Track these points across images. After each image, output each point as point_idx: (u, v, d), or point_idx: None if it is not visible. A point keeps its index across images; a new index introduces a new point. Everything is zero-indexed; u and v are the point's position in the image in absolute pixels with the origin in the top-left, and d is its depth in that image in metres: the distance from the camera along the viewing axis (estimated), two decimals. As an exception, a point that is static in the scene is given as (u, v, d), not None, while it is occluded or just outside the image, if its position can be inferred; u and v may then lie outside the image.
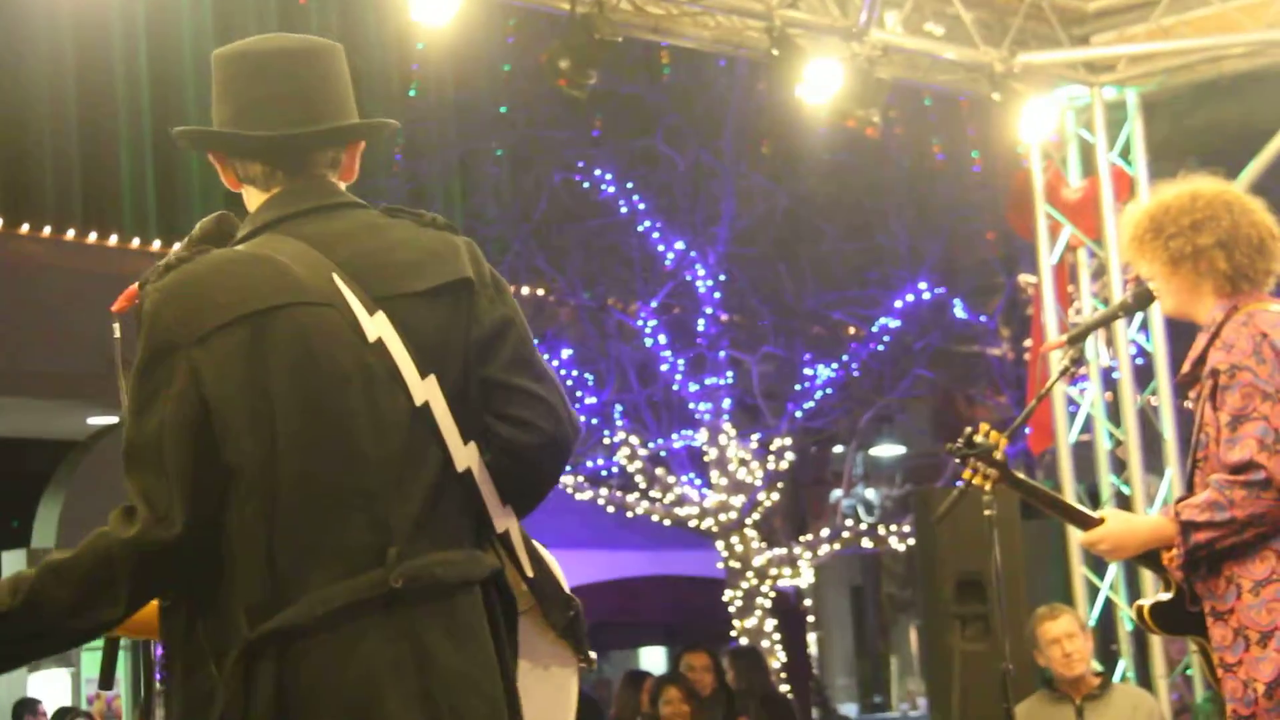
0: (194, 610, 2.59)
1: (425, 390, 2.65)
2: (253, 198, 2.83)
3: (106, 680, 3.03)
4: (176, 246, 3.24)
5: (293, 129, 2.79)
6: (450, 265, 2.76)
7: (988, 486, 4.40)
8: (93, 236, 14.77)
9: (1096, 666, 7.15)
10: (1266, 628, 3.94)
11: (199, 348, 2.59)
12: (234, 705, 2.50)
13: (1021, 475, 4.43)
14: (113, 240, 14.94)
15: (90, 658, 16.32)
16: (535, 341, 2.82)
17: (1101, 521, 4.26)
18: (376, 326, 2.65)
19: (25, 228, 14.35)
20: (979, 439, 4.33)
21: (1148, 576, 8.80)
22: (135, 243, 15.02)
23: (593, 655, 2.92)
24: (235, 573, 2.55)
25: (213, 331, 2.60)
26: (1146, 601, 4.35)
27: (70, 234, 14.64)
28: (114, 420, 14.02)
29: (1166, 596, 4.25)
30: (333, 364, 2.61)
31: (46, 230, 14.62)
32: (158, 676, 2.73)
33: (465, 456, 2.68)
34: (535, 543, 2.86)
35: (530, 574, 2.80)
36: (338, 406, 2.60)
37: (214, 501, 2.56)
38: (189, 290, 2.65)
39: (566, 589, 2.90)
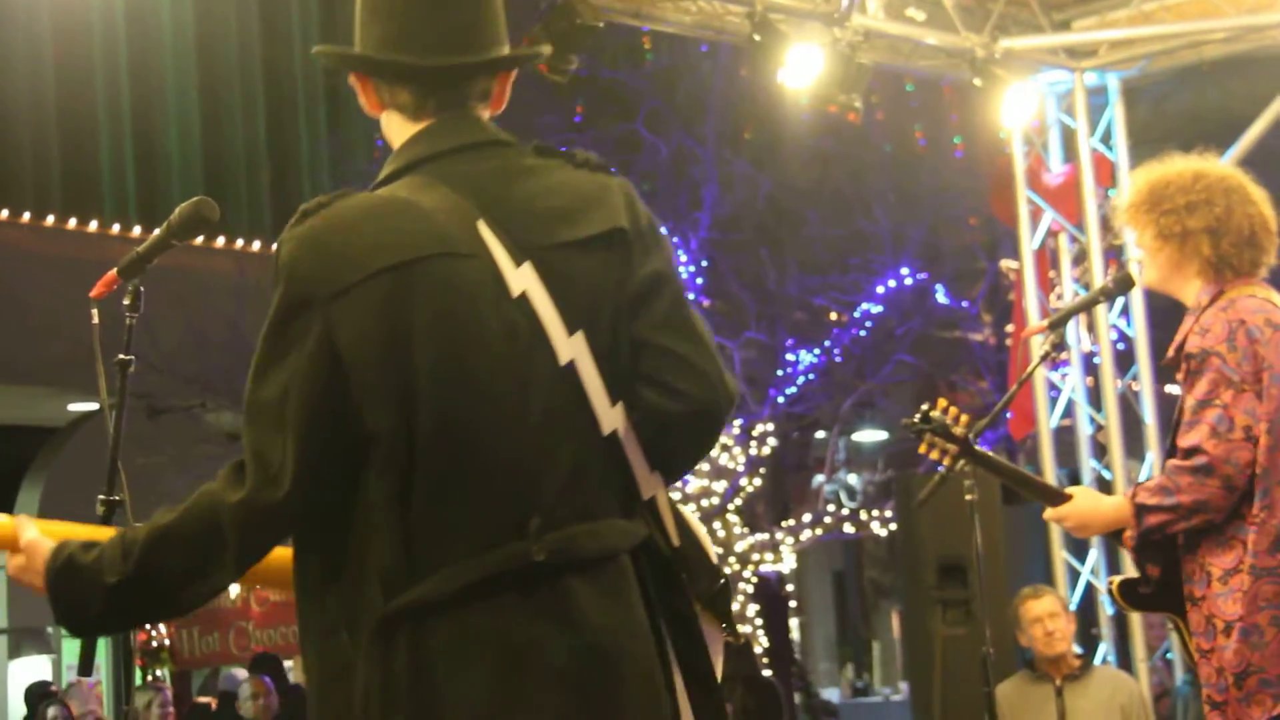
0: (326, 575, 2.46)
1: (572, 348, 2.48)
2: (396, 126, 2.64)
3: (86, 667, 3.01)
4: (156, 232, 3.24)
5: (450, 57, 2.60)
6: (603, 213, 2.59)
7: (947, 461, 4.39)
8: (72, 222, 14.72)
9: (1077, 650, 7.17)
10: (1231, 617, 3.96)
11: (337, 303, 2.42)
12: (372, 680, 2.39)
13: (983, 450, 4.41)
14: (93, 226, 14.89)
15: (70, 645, 16.29)
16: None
17: (1069, 497, 4.27)
18: (522, 279, 2.48)
19: (4, 214, 14.31)
20: (935, 414, 4.32)
21: (1128, 560, 8.83)
22: (115, 228, 14.97)
23: (739, 629, 2.73)
24: (371, 542, 2.41)
25: (352, 286, 2.43)
26: (1117, 579, 4.37)
27: (50, 220, 14.59)
28: (94, 407, 13.99)
29: (1138, 575, 4.27)
30: (477, 322, 2.45)
31: (26, 216, 14.58)
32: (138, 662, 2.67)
33: (612, 419, 2.50)
34: (682, 509, 2.67)
35: (676, 543, 2.60)
36: (481, 369, 2.43)
37: (336, 467, 2.42)
38: (327, 240, 2.48)
39: (714, 558, 2.68)
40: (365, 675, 2.39)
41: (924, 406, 4.36)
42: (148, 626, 13.83)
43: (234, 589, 14.01)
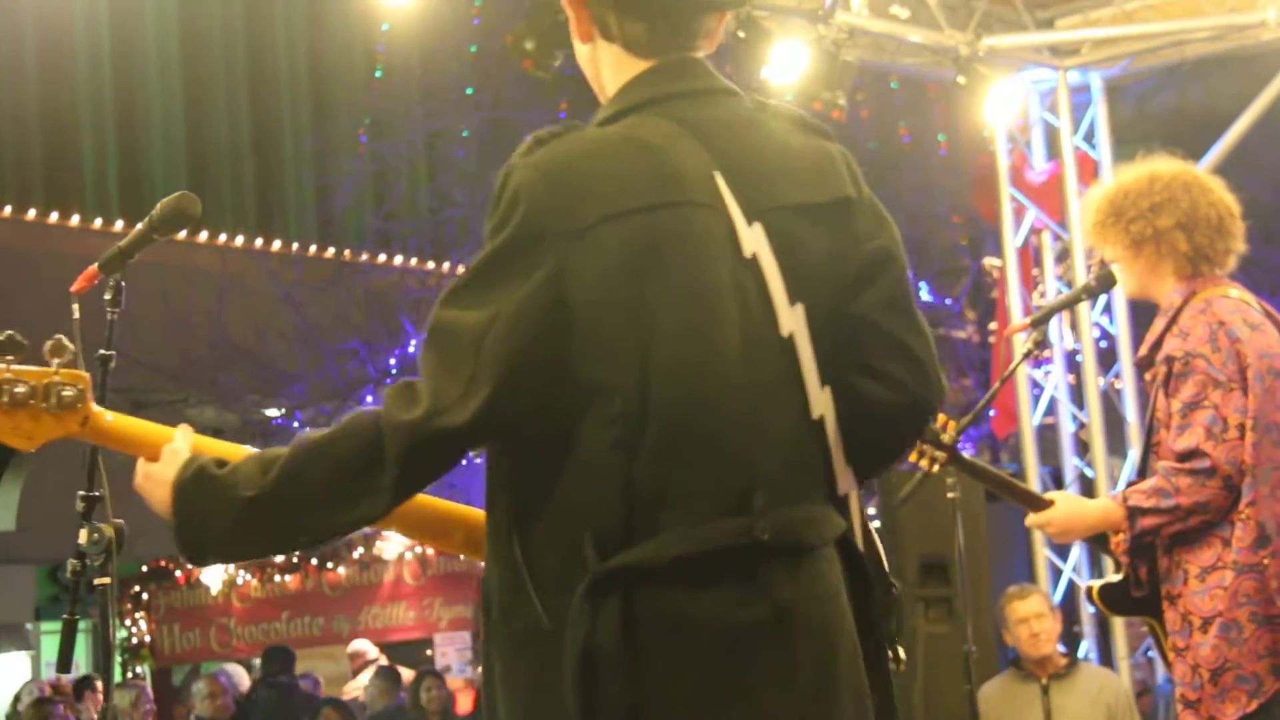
0: (522, 527, 2.27)
1: (793, 320, 2.31)
2: (615, 59, 2.45)
3: (64, 663, 2.99)
4: (138, 227, 3.23)
5: None
6: (831, 180, 2.41)
7: (935, 470, 4.40)
8: (54, 217, 14.68)
9: (1061, 648, 7.19)
10: (1209, 614, 3.97)
11: (573, 242, 2.22)
12: (576, 648, 2.18)
13: (970, 457, 4.43)
14: (74, 220, 14.85)
15: (50, 641, 16.25)
16: None
17: (1051, 503, 4.28)
18: (754, 239, 2.30)
19: (-14, 208, 14.27)
20: None
21: (1109, 560, 8.84)
22: (97, 223, 14.93)
23: (901, 652, 2.50)
24: (585, 497, 2.22)
25: (593, 226, 2.23)
26: (1096, 583, 4.38)
27: (31, 214, 14.55)
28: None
29: (1116, 578, 4.28)
30: (714, 277, 2.26)
31: (7, 210, 14.54)
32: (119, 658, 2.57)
33: (821, 402, 2.33)
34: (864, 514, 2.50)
35: (861, 548, 2.43)
36: (715, 327, 2.25)
37: (537, 412, 2.23)
38: (568, 173, 2.27)
39: (887, 569, 2.51)
40: (570, 641, 2.19)
41: None
42: (127, 622, 13.80)
43: (216, 585, 13.99)
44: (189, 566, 14.07)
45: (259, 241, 16.24)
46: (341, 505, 2.27)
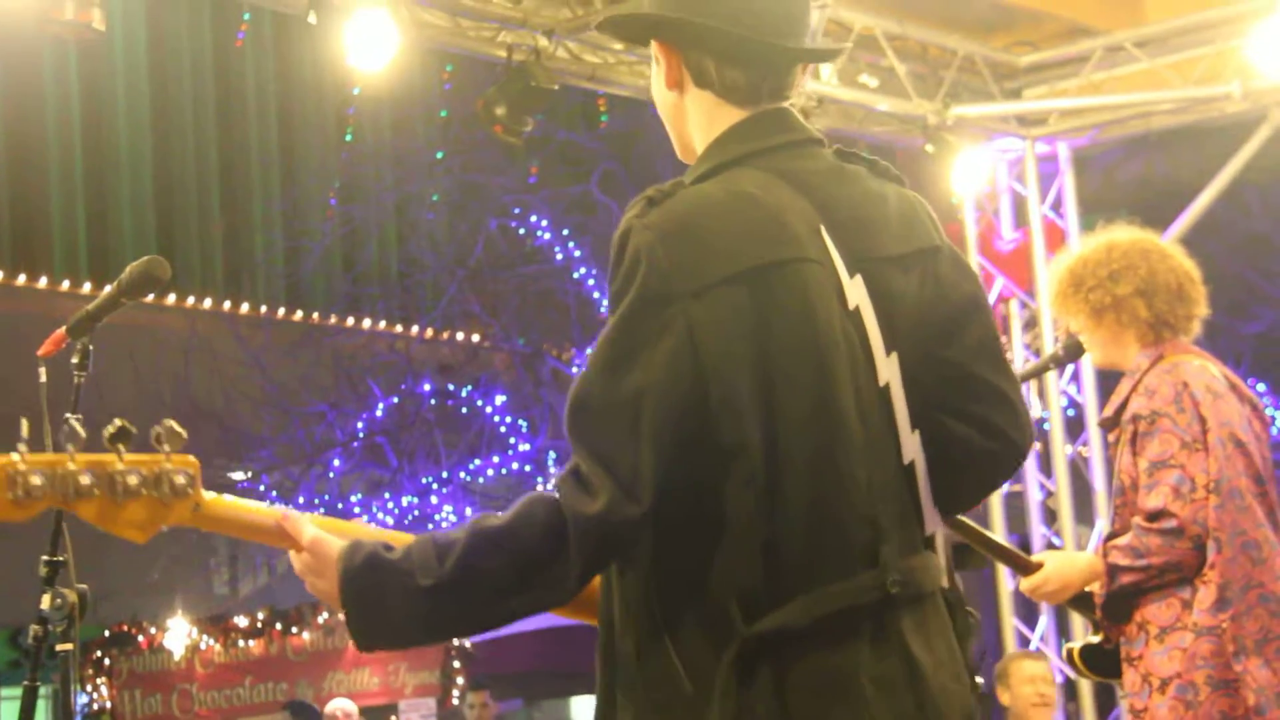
0: (661, 590, 2.26)
1: (888, 369, 2.34)
2: (709, 108, 2.44)
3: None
4: (106, 290, 3.22)
5: (794, 41, 2.43)
6: (919, 229, 2.45)
7: None
8: (22, 279, 14.62)
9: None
10: (1168, 675, 3.98)
11: (697, 302, 2.21)
12: (729, 707, 2.19)
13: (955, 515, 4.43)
14: (42, 283, 14.80)
15: (10, 707, 16.06)
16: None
17: (1039, 565, 4.27)
18: (856, 291, 2.33)
19: (-47, 269, 14.22)
20: None
21: (1078, 627, 8.83)
22: (65, 285, 14.88)
23: (979, 679, 2.54)
24: (727, 559, 2.22)
25: (715, 285, 2.23)
26: (1076, 644, 4.37)
27: (-1, 275, 14.51)
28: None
29: (1096, 639, 4.27)
30: (829, 332, 2.28)
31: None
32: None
33: (912, 448, 2.36)
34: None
35: (946, 585, 2.45)
36: (832, 382, 2.27)
37: (689, 480, 2.23)
38: (687, 233, 2.26)
39: (961, 591, 2.54)
40: (721, 705, 2.19)
41: None
42: (89, 687, 13.66)
43: (179, 650, 13.86)
44: (152, 631, 13.95)
45: (227, 304, 16.22)
46: (522, 596, 2.25)
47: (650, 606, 2.28)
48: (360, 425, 15.31)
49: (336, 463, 15.51)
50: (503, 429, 15.17)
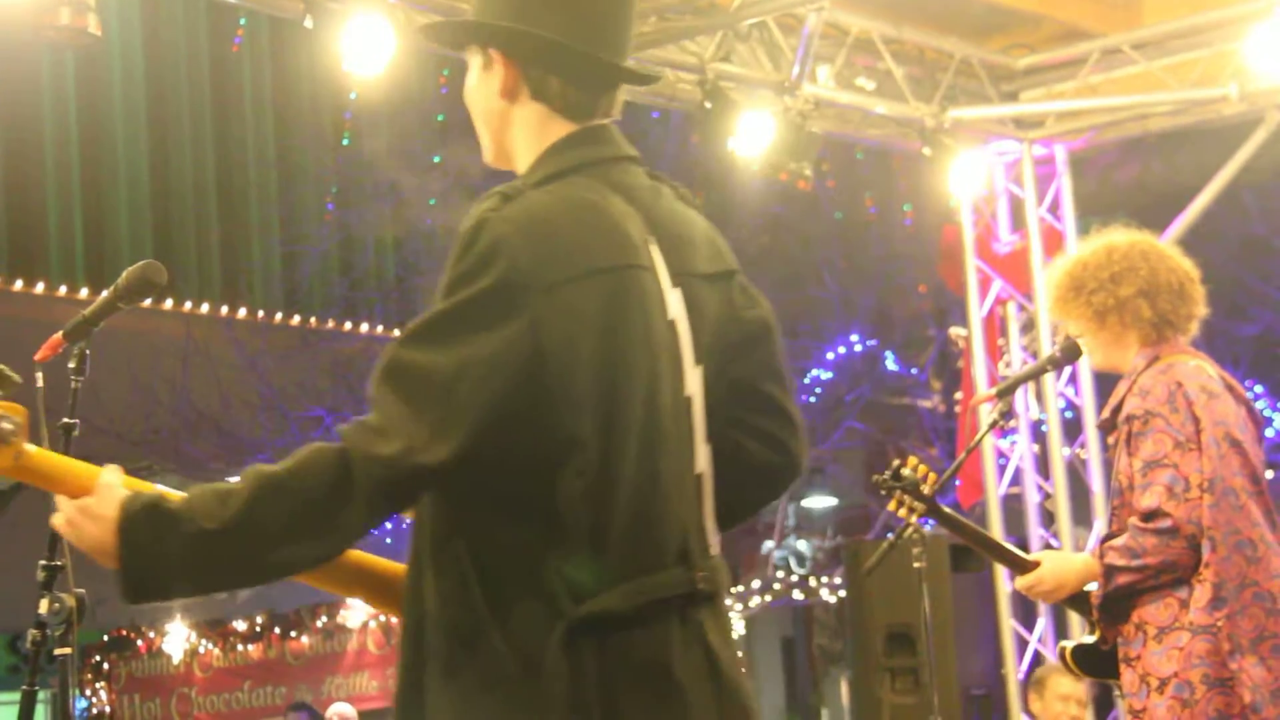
0: (485, 574, 2.30)
1: (694, 382, 2.44)
2: (541, 121, 2.49)
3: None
4: (103, 295, 3.21)
5: (622, 59, 2.52)
6: (723, 252, 2.57)
7: (913, 520, 4.42)
8: (18, 284, 14.61)
9: None
10: (1165, 675, 3.99)
11: (548, 297, 2.28)
12: (558, 690, 2.26)
13: (950, 510, 4.44)
14: (39, 288, 14.79)
15: (8, 712, 16.05)
16: None
17: (1036, 564, 4.28)
18: (676, 304, 2.43)
19: (-50, 274, 14.21)
20: (906, 472, 4.36)
21: (1076, 629, 8.83)
22: (62, 290, 14.87)
23: None
24: (555, 546, 2.29)
25: (566, 282, 2.30)
26: (1070, 644, 4.38)
27: (-5, 280, 14.49)
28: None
29: (1090, 639, 4.28)
30: (658, 338, 2.38)
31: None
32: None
33: (704, 459, 2.47)
34: None
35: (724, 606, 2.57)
36: (659, 386, 2.37)
37: (517, 467, 2.28)
38: (542, 230, 2.33)
39: None
40: (555, 687, 2.26)
41: (895, 463, 4.39)
42: (88, 692, 13.65)
43: (177, 654, 13.84)
44: (151, 635, 13.93)
45: (224, 309, 16.18)
46: (305, 541, 2.26)
47: (472, 591, 2.30)
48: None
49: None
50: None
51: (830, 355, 15.55)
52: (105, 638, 13.89)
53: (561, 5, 2.47)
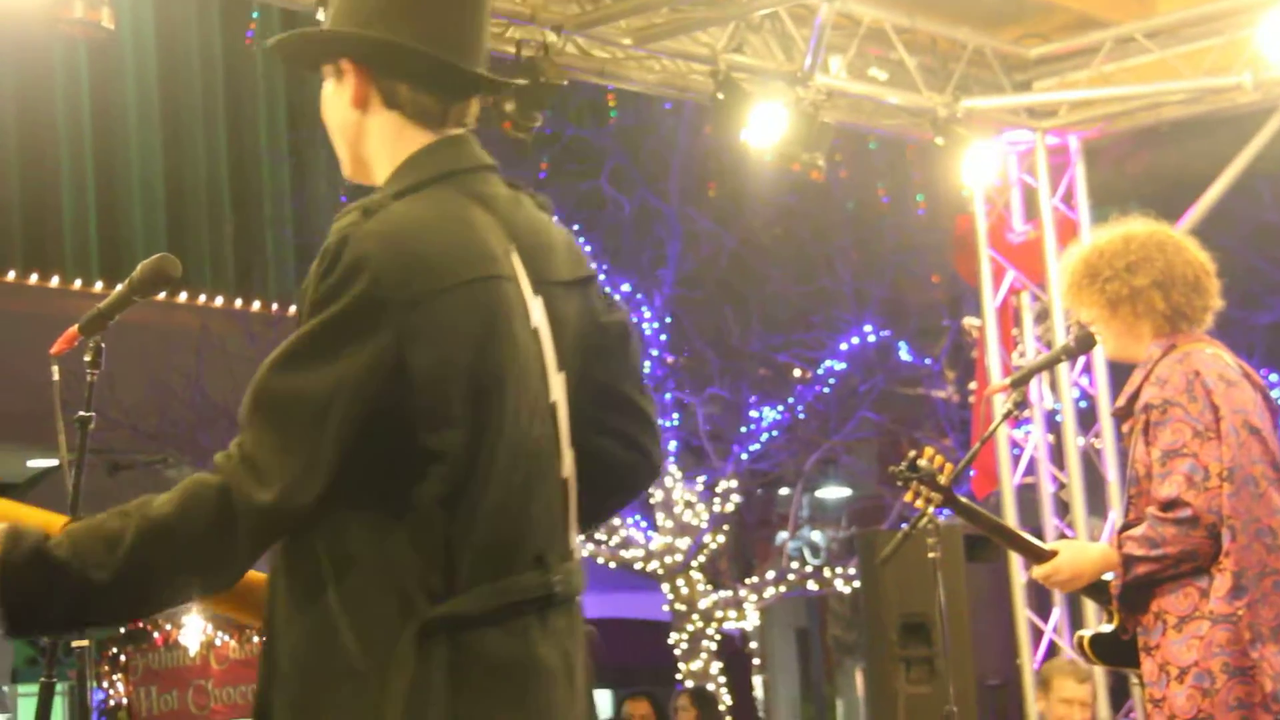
0: (340, 576, 2.33)
1: (558, 388, 2.49)
2: (396, 130, 2.50)
3: (42, 727, 2.97)
4: (118, 288, 3.22)
5: (477, 67, 2.50)
6: (581, 259, 2.61)
7: (930, 510, 4.42)
8: (34, 278, 14.65)
9: None
10: (1185, 664, 3.98)
11: (413, 311, 2.30)
12: (405, 687, 2.29)
13: (966, 500, 4.44)
14: (54, 282, 14.83)
15: (27, 704, 16.10)
16: None
17: (1054, 553, 4.28)
18: (538, 312, 2.47)
19: (-35, 269, 14.25)
20: (922, 463, 4.35)
21: (1091, 619, 8.82)
22: (77, 284, 14.91)
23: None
24: (411, 549, 2.32)
25: (431, 296, 2.31)
26: (1087, 632, 4.37)
27: (11, 275, 14.53)
28: (53, 463, 13.88)
29: (1108, 628, 4.27)
30: (524, 347, 2.42)
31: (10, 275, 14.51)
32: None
33: (569, 464, 2.52)
34: None
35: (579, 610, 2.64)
36: (526, 396, 2.41)
37: (376, 477, 2.32)
38: (406, 245, 2.33)
39: None
40: (398, 681, 2.29)
41: (911, 454, 4.39)
42: (105, 684, 13.69)
43: (194, 646, 13.88)
44: (167, 628, 13.97)
45: (239, 302, 16.23)
46: (190, 582, 2.34)
47: (325, 592, 2.34)
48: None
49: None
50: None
51: (844, 346, 15.54)
52: (122, 630, 13.92)
53: (411, 12, 2.46)
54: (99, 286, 14.69)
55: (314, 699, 2.34)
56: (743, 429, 15.53)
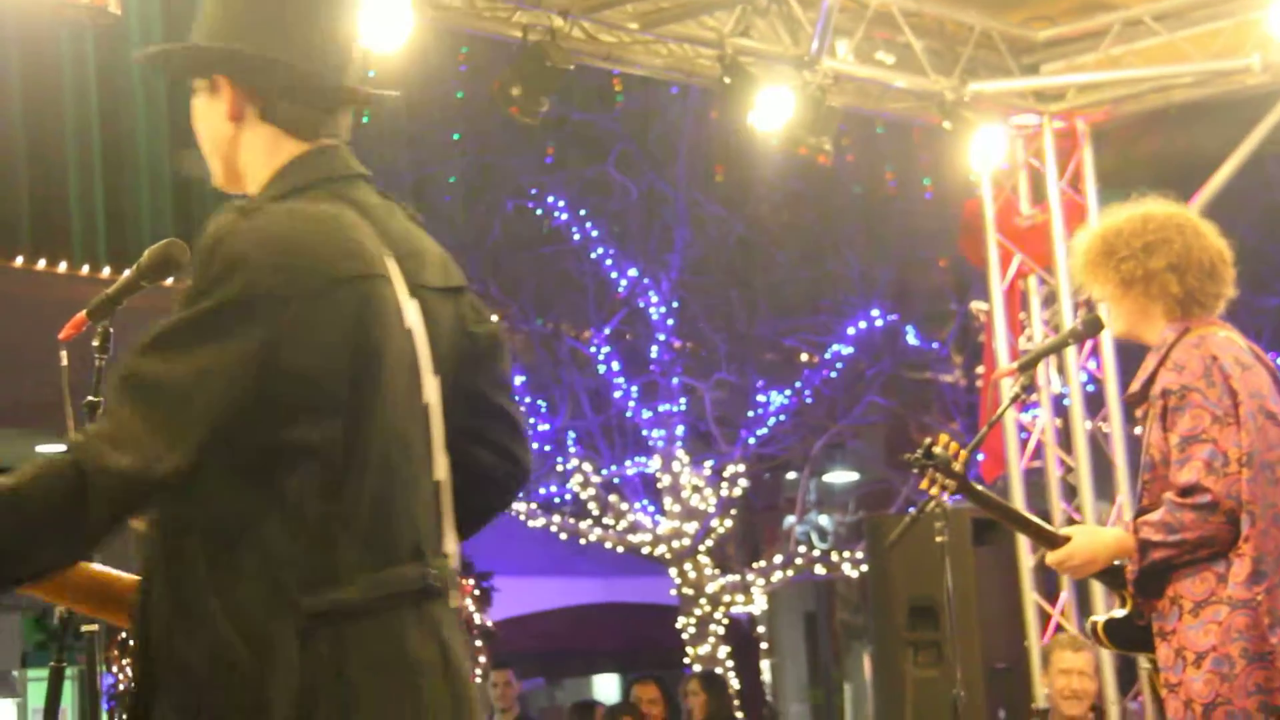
0: (218, 571, 2.36)
1: (431, 390, 2.55)
2: (273, 143, 2.56)
3: (52, 712, 2.98)
4: (126, 274, 3.23)
5: (348, 79, 2.58)
6: (452, 268, 2.67)
7: (945, 497, 4.41)
8: (41, 263, 14.66)
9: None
10: (1203, 649, 3.98)
11: (287, 308, 2.35)
12: (290, 676, 2.33)
13: (981, 488, 4.43)
14: (62, 267, 14.83)
15: (37, 688, 16.15)
16: None
17: (1067, 539, 4.27)
18: (413, 314, 2.52)
19: (-27, 254, 14.25)
20: (937, 450, 4.34)
21: (1099, 603, 8.83)
22: (85, 270, 14.91)
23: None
24: (289, 543, 2.36)
25: (307, 294, 2.37)
26: (1101, 618, 4.37)
27: (18, 261, 14.54)
28: (61, 448, 13.90)
29: (1121, 613, 4.27)
30: (399, 345, 2.48)
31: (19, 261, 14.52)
32: (105, 705, 2.53)
33: (442, 467, 2.58)
34: None
35: (455, 604, 2.66)
36: (401, 392, 2.47)
37: (250, 471, 2.36)
38: (282, 244, 2.39)
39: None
40: (283, 674, 2.33)
41: (926, 442, 4.38)
42: (114, 668, 13.72)
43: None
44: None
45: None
46: (37, 555, 2.33)
47: (203, 588, 2.36)
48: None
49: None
50: (521, 408, 15.19)
51: (851, 330, 15.54)
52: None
53: (283, 27, 2.52)
54: (106, 272, 14.67)
55: (198, 698, 2.35)
56: (750, 413, 15.54)
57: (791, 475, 17.97)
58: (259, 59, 2.52)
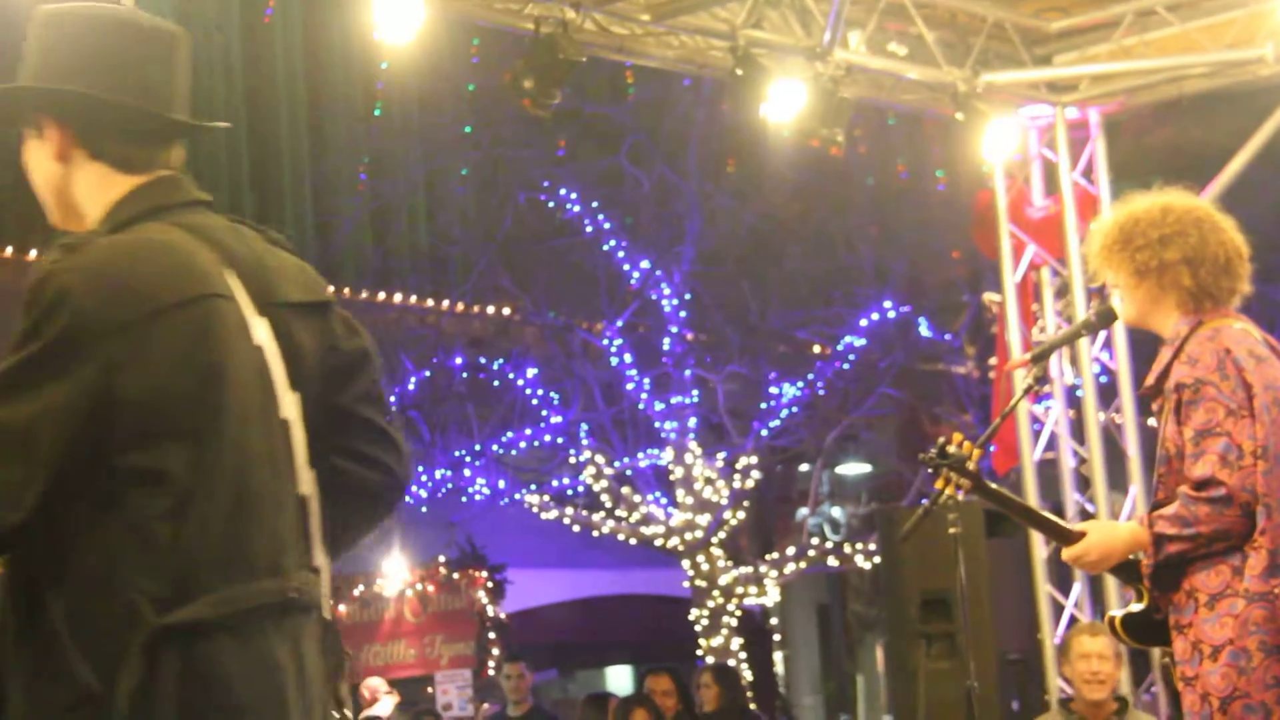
0: (61, 596, 2.38)
1: (290, 407, 2.56)
2: (103, 180, 2.58)
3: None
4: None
5: (175, 111, 2.62)
6: (314, 284, 2.68)
7: (960, 496, 4.39)
8: (33, 254, 14.68)
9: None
10: (1219, 642, 3.97)
11: (120, 339, 2.37)
12: (135, 692, 2.34)
13: (996, 486, 4.42)
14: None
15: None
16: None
17: (1081, 534, 4.26)
18: (261, 331, 2.54)
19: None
20: (952, 449, 4.32)
21: (1112, 594, 8.82)
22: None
23: (349, 713, 2.91)
24: (134, 564, 2.37)
25: (137, 322, 2.39)
26: (1118, 612, 4.35)
27: (8, 251, 14.56)
28: None
29: (1138, 607, 4.26)
30: (243, 362, 2.49)
31: (8, 251, 14.55)
32: None
33: (307, 483, 2.60)
34: None
35: (329, 616, 2.72)
36: (248, 409, 2.48)
37: (79, 494, 2.38)
38: (108, 275, 2.41)
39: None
40: (125, 687, 2.33)
41: (940, 440, 4.36)
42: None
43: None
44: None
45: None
46: None
47: (49, 620, 2.38)
48: (392, 399, 15.35)
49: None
50: (534, 401, 15.22)
51: (863, 322, 15.53)
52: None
53: (107, 65, 2.55)
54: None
55: (35, 699, 2.38)
56: (763, 405, 15.54)
57: (804, 467, 17.97)
58: (84, 98, 2.55)
